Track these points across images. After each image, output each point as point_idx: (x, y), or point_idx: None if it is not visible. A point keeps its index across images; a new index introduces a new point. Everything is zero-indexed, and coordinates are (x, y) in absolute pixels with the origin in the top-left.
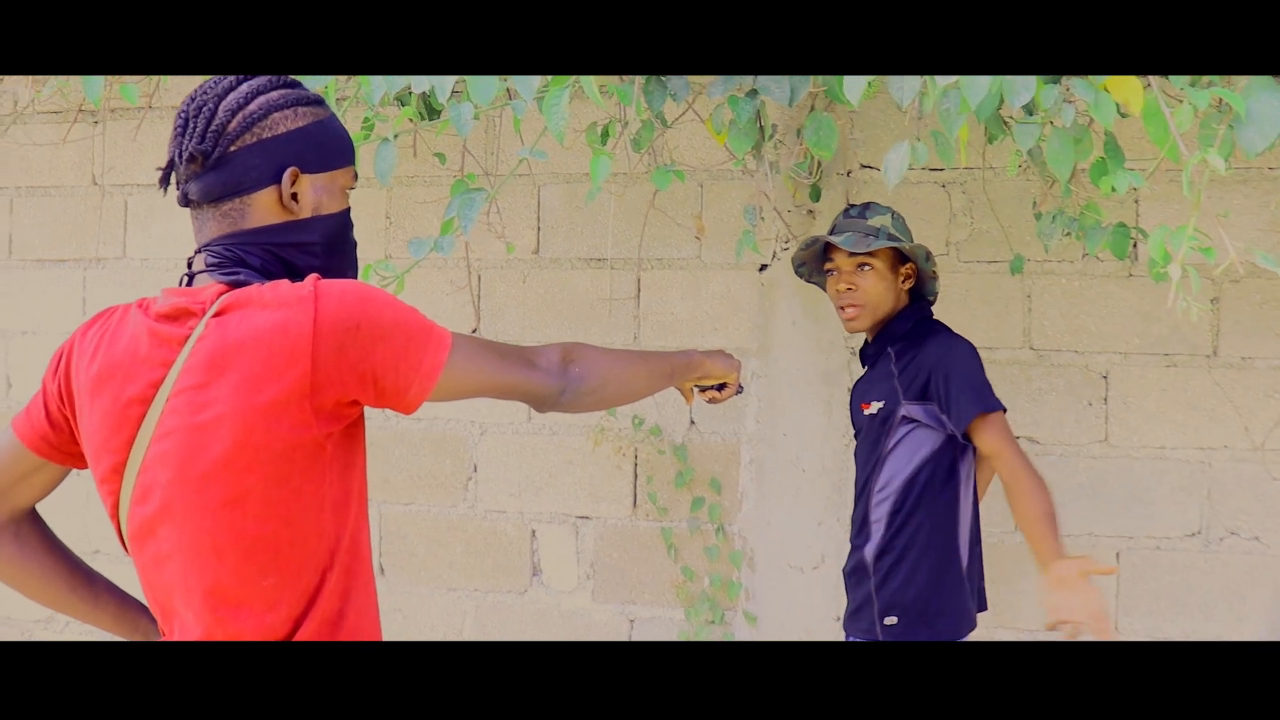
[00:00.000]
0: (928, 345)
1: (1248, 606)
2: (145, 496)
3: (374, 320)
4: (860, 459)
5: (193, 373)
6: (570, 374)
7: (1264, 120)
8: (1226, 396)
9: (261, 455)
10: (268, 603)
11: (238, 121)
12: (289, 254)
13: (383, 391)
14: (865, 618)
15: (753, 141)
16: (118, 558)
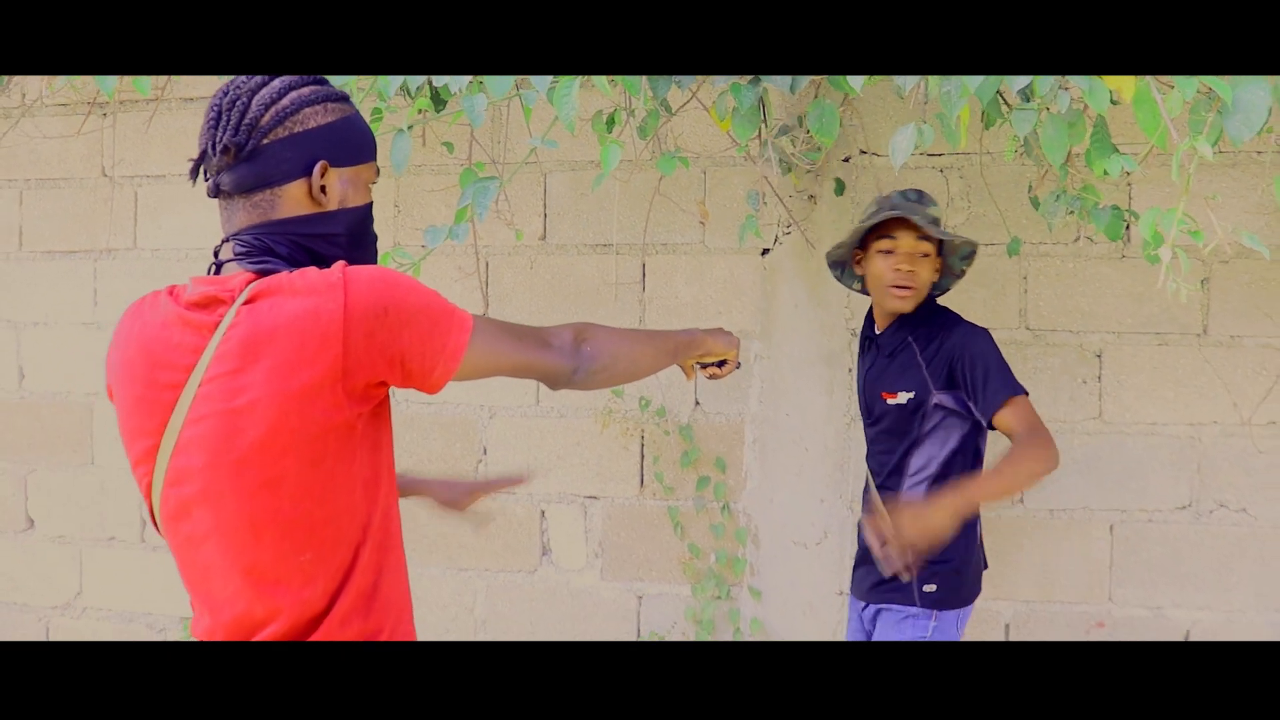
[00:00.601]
0: (951, 335)
1: (1235, 576)
2: (179, 479)
3: (400, 305)
4: (880, 445)
5: (225, 359)
6: (582, 353)
7: (1250, 109)
8: (1216, 374)
9: (296, 438)
10: (305, 578)
11: (271, 115)
12: (315, 244)
13: (409, 373)
14: (899, 590)
15: (755, 128)
16: (133, 544)
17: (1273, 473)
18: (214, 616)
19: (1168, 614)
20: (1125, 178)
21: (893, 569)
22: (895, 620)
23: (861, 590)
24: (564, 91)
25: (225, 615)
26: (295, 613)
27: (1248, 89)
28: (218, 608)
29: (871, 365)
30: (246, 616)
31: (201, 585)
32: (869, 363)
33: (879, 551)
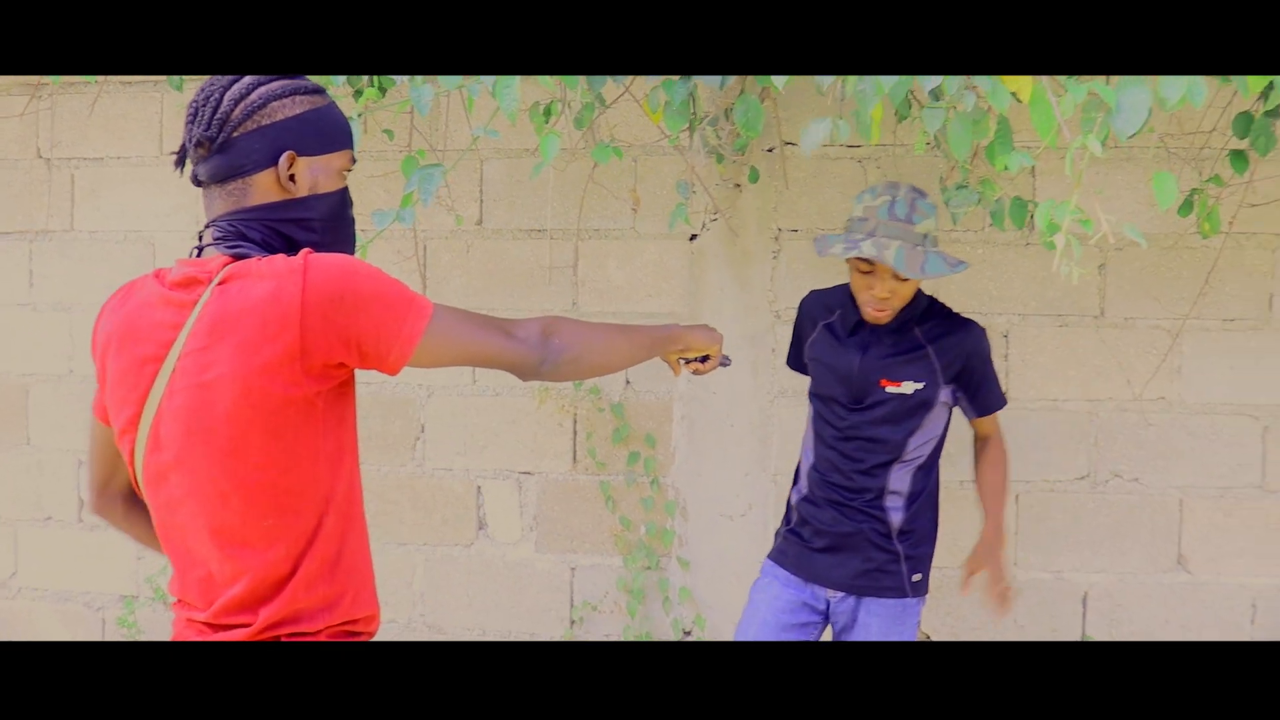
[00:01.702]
0: (963, 332)
1: (1128, 541)
2: (158, 446)
3: (356, 291)
4: (870, 432)
5: (198, 336)
6: (551, 345)
7: (1132, 110)
8: (1111, 353)
9: (258, 411)
10: (268, 541)
11: (240, 110)
12: (288, 229)
13: (365, 355)
14: (890, 578)
15: (685, 121)
16: (69, 523)
17: (1161, 444)
18: (185, 575)
19: (1067, 577)
20: (1030, 170)
21: (1007, 610)
22: (894, 612)
23: (837, 579)
24: (506, 84)
25: (197, 573)
26: (260, 573)
27: (1129, 92)
28: (189, 566)
29: (865, 352)
30: (216, 575)
31: (178, 545)
32: (860, 349)
33: (1000, 599)
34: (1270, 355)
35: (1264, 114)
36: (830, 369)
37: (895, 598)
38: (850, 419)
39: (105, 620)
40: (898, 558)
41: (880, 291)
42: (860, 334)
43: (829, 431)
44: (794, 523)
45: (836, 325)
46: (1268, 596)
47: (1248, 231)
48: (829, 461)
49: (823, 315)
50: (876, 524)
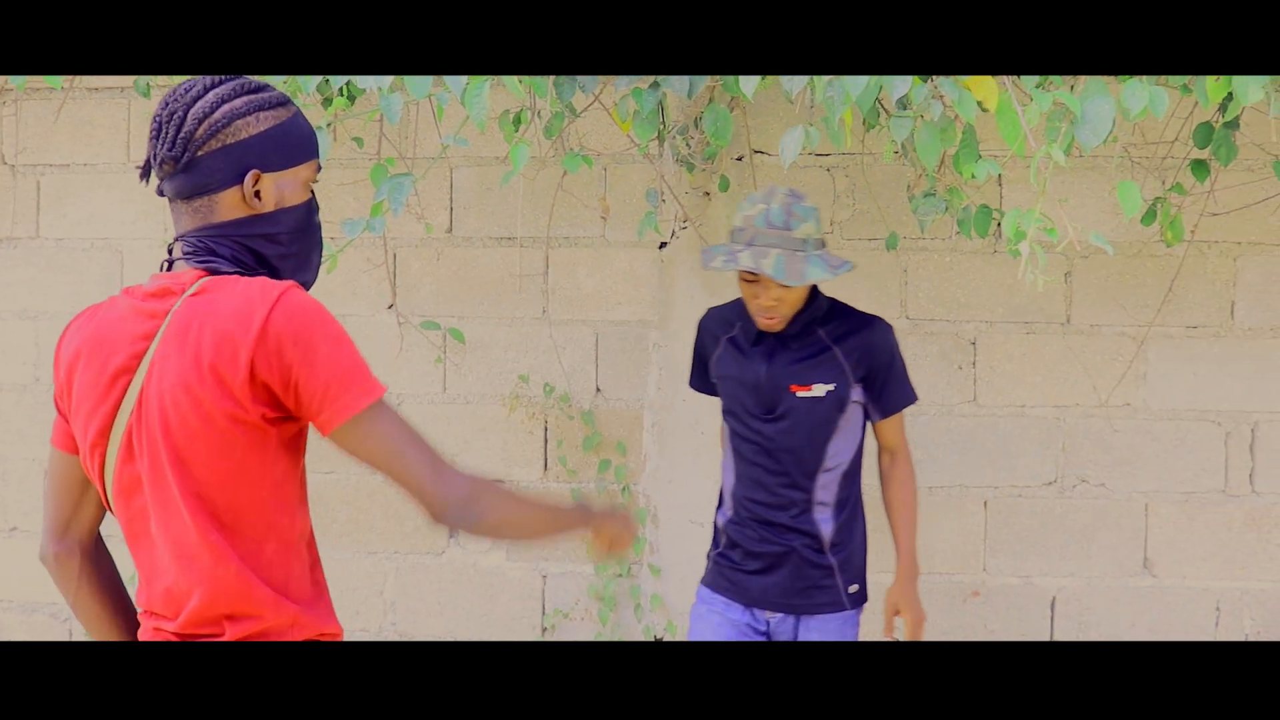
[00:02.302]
0: (867, 329)
1: (1095, 546)
2: (130, 456)
3: (311, 341)
4: (785, 441)
5: (165, 344)
6: (469, 510)
7: (1097, 120)
8: (1077, 359)
9: (207, 427)
10: (216, 557)
11: (204, 129)
12: (256, 244)
13: (300, 404)
14: (826, 594)
15: (655, 130)
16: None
17: (1127, 450)
18: (151, 585)
19: (1035, 582)
20: (996, 178)
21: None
22: (834, 626)
23: (774, 600)
24: (475, 92)
25: (161, 584)
26: (211, 588)
27: (1094, 102)
28: (154, 576)
29: (771, 360)
30: (174, 587)
31: (145, 556)
32: (765, 357)
33: (918, 634)
34: (1232, 362)
35: (1224, 124)
36: (739, 382)
37: (834, 612)
38: (766, 430)
39: (72, 632)
40: (832, 571)
41: (766, 300)
42: (764, 343)
43: (747, 447)
44: (723, 546)
45: (739, 338)
46: (1231, 599)
47: (1209, 240)
48: (751, 479)
49: (724, 330)
50: (807, 539)
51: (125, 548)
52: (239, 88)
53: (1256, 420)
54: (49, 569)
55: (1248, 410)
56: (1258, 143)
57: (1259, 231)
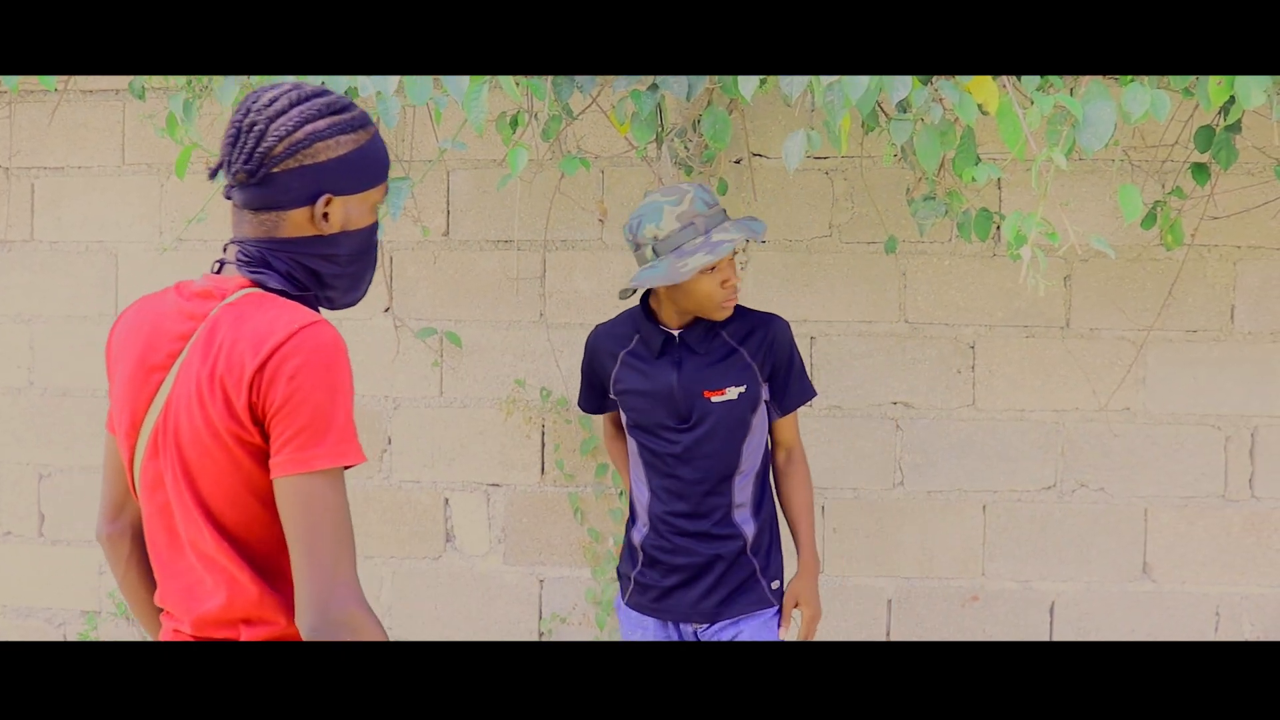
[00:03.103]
0: (767, 326)
1: (1094, 550)
2: (156, 453)
3: (305, 384)
4: (705, 449)
5: (195, 349)
6: (331, 632)
7: (1099, 123)
8: (1077, 363)
9: (215, 442)
10: (233, 564)
11: (283, 147)
12: (314, 262)
13: (269, 438)
14: (752, 596)
15: (653, 132)
16: (30, 538)
17: (1127, 455)
18: (166, 583)
19: (1035, 586)
20: (995, 181)
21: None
22: (760, 623)
23: (705, 611)
24: (473, 95)
25: (177, 583)
26: (230, 592)
27: (1096, 105)
28: (171, 575)
29: (680, 368)
30: (195, 587)
31: (162, 552)
32: (674, 366)
33: (813, 629)
34: (1232, 366)
35: (1225, 128)
36: (647, 395)
37: (761, 609)
38: (683, 440)
39: (67, 636)
40: (755, 571)
41: (734, 279)
42: (669, 352)
43: (663, 459)
44: (642, 563)
45: (639, 350)
46: (1230, 604)
47: (1209, 244)
48: (669, 490)
49: (619, 345)
50: (730, 543)
51: None
52: (325, 107)
53: (1256, 425)
54: (102, 548)
55: (1247, 414)
56: (1258, 146)
57: (1259, 235)
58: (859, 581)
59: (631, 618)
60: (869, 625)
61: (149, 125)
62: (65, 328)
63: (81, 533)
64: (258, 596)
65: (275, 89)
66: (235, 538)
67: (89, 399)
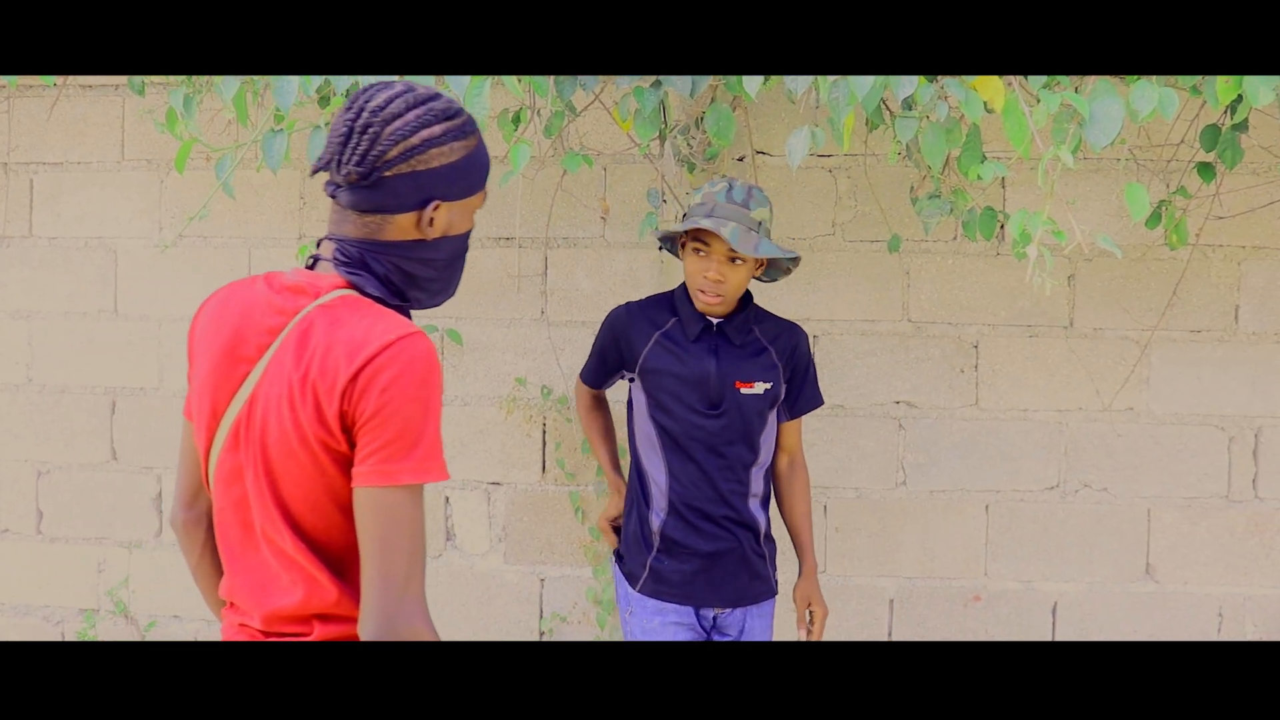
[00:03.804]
0: (793, 332)
1: (1097, 551)
2: (236, 446)
3: (398, 397)
4: (725, 435)
5: (287, 349)
6: (398, 627)
7: (1105, 121)
8: (1080, 363)
9: (304, 445)
10: (311, 564)
11: (398, 151)
12: (412, 266)
13: (355, 446)
14: (764, 582)
15: (656, 129)
16: (28, 536)
17: (1130, 455)
18: (236, 577)
19: (1037, 586)
20: (999, 180)
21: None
22: (769, 611)
23: (726, 597)
24: (476, 91)
25: (249, 577)
26: (308, 589)
27: (1103, 103)
28: (243, 569)
29: (718, 356)
30: (270, 582)
31: (235, 545)
32: (711, 353)
33: (820, 632)
34: (1236, 366)
35: (1231, 127)
36: (680, 377)
37: (768, 599)
38: (709, 425)
39: (65, 634)
40: (765, 560)
41: (714, 274)
42: (705, 339)
43: (687, 443)
44: (659, 548)
45: (675, 332)
46: (1233, 605)
47: (1214, 244)
48: (692, 476)
49: (653, 326)
50: (749, 532)
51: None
52: (441, 112)
53: (1260, 425)
54: (176, 535)
55: (1251, 415)
56: (1264, 146)
57: (1264, 235)
58: (861, 581)
59: (649, 606)
60: (871, 625)
61: (149, 120)
62: (64, 324)
63: (80, 530)
64: (336, 596)
65: (388, 89)
66: (312, 540)
67: (87, 396)
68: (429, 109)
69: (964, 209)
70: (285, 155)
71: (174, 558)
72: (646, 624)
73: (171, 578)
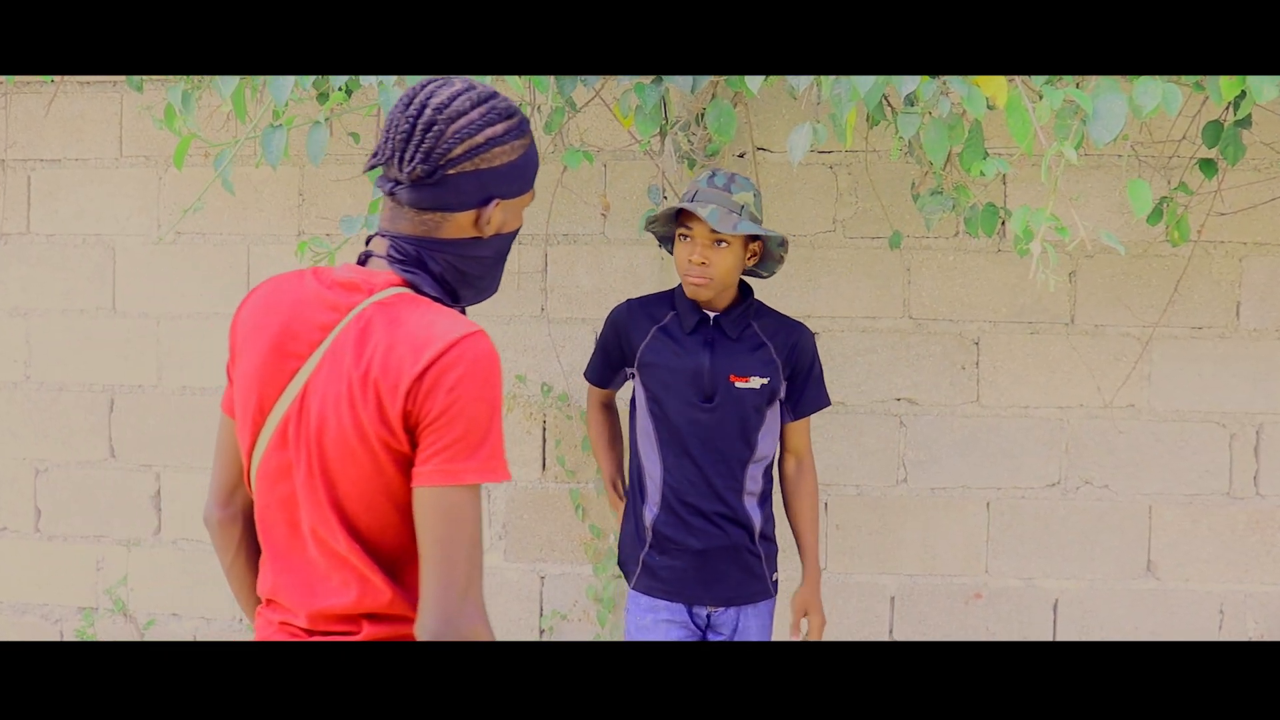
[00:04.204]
0: (795, 330)
1: (1098, 548)
2: (284, 443)
3: (464, 397)
4: (719, 429)
5: (340, 346)
6: (460, 628)
7: (1109, 117)
8: (1081, 360)
9: (362, 445)
10: (364, 565)
11: (463, 150)
12: (466, 264)
13: (416, 446)
14: (759, 582)
15: (656, 126)
16: (26, 534)
17: (1131, 452)
18: (281, 575)
19: (1038, 584)
20: (1000, 177)
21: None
22: (765, 612)
23: (718, 596)
24: None
25: (296, 576)
26: (360, 589)
27: (1106, 99)
28: (288, 567)
29: (712, 349)
30: (319, 582)
31: (279, 543)
32: (706, 346)
33: (821, 635)
34: (1237, 363)
35: (1233, 123)
36: (675, 371)
37: (765, 599)
38: (704, 419)
39: (63, 633)
40: (761, 559)
41: (697, 256)
42: (701, 332)
43: (682, 436)
44: (650, 544)
45: (672, 327)
46: (1234, 602)
47: (1215, 240)
48: (687, 470)
49: (652, 320)
50: (742, 530)
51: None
52: (502, 111)
53: (1262, 422)
54: (210, 533)
55: (1253, 412)
56: (1266, 142)
57: (1265, 232)
58: (861, 579)
59: (642, 603)
60: (871, 623)
61: (147, 117)
62: (62, 321)
63: (78, 528)
64: (390, 597)
65: (448, 86)
66: (366, 540)
67: (86, 393)
68: (491, 107)
69: (966, 205)
70: (285, 151)
71: (173, 556)
72: (640, 620)
73: (170, 576)
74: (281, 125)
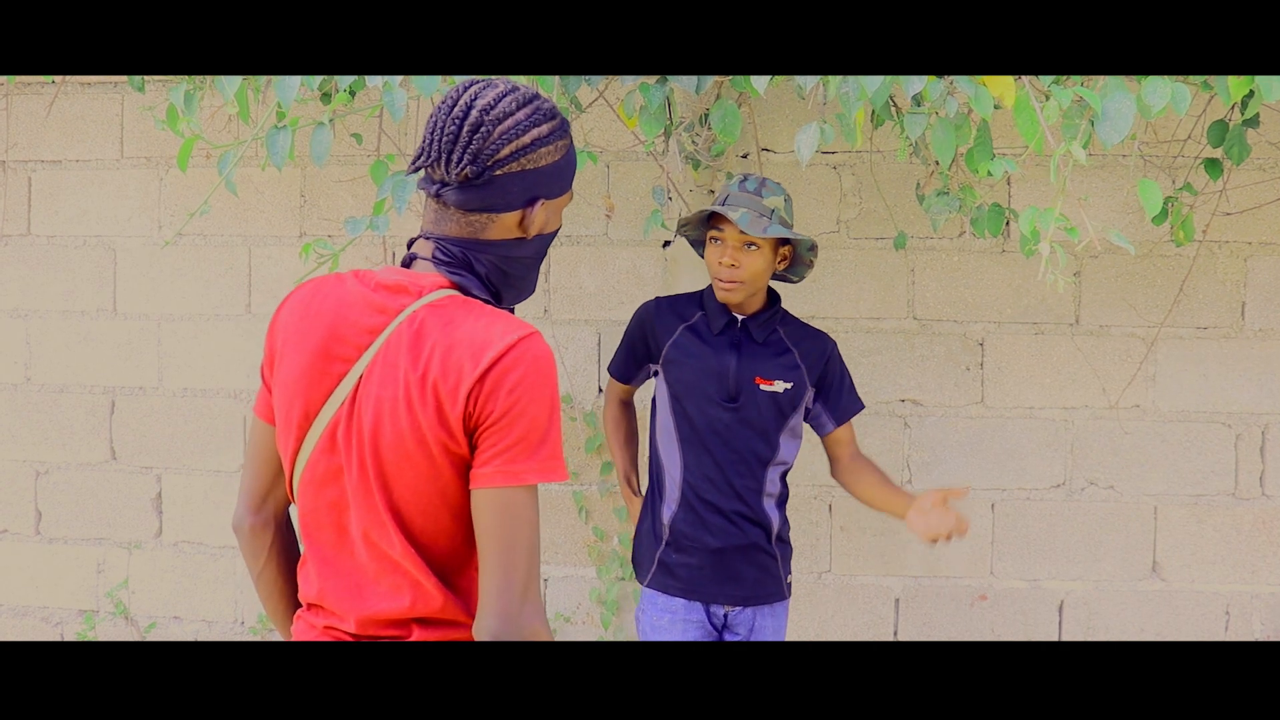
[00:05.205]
0: (821, 340)
1: (1103, 549)
2: (333, 447)
3: (524, 398)
4: (740, 429)
5: (392, 349)
6: (523, 627)
7: (1118, 117)
8: (1086, 361)
9: (420, 448)
10: (418, 570)
11: (510, 150)
12: (509, 265)
13: (476, 447)
14: (775, 583)
15: (661, 126)
16: (27, 537)
17: (1137, 452)
18: (328, 580)
19: (1044, 585)
20: (1006, 177)
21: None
22: (780, 614)
23: (734, 595)
24: None
25: (344, 581)
26: (414, 594)
27: (1115, 98)
28: (336, 573)
29: (739, 350)
30: (370, 587)
31: (327, 548)
32: (733, 347)
33: (944, 540)
34: (1243, 363)
35: (1240, 123)
36: (700, 369)
37: (779, 601)
38: (725, 418)
39: (64, 636)
40: (777, 561)
41: (728, 259)
42: (730, 333)
43: (703, 435)
44: (667, 542)
45: (700, 326)
46: (1240, 603)
47: (1220, 240)
48: (706, 468)
49: (680, 319)
50: (759, 530)
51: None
52: (546, 112)
53: (1267, 422)
54: (240, 540)
55: (1258, 412)
56: (1271, 142)
57: (1270, 232)
58: (867, 580)
59: (658, 602)
60: (877, 624)
61: (148, 117)
62: (62, 323)
63: (79, 531)
64: (442, 601)
65: (492, 88)
66: (420, 544)
67: (86, 395)
68: (536, 108)
69: (972, 206)
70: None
71: (174, 558)
72: (656, 620)
73: (171, 579)
74: (287, 126)
